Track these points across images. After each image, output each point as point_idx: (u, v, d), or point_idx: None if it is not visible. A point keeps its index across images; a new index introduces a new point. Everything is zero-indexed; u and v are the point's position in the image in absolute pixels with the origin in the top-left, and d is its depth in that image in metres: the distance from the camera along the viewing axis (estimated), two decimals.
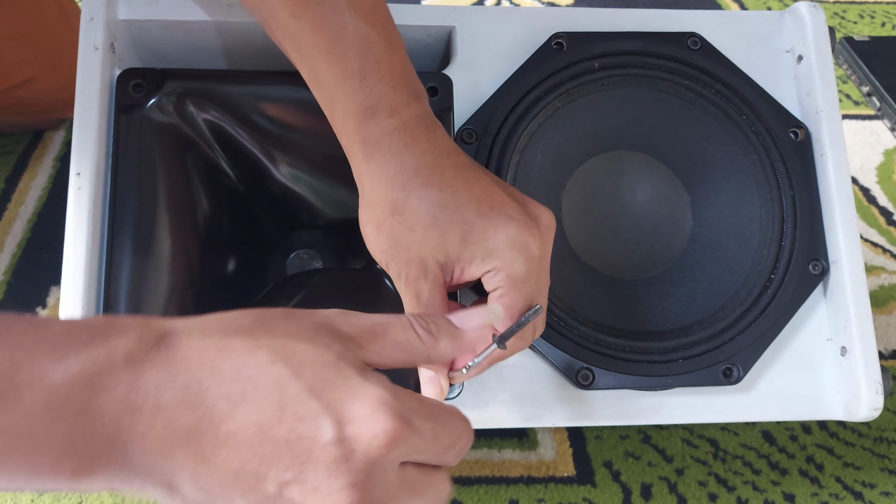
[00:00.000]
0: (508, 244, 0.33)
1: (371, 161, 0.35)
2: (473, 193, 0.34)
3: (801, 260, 0.44)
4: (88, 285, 0.39)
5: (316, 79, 0.36)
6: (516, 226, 0.33)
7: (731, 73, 0.46)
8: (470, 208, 0.33)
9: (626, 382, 0.42)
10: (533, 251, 0.33)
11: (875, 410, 0.43)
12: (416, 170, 0.34)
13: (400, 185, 0.34)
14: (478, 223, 0.33)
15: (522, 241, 0.33)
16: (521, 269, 0.33)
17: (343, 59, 0.35)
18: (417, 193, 0.34)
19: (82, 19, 0.41)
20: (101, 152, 0.41)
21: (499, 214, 0.33)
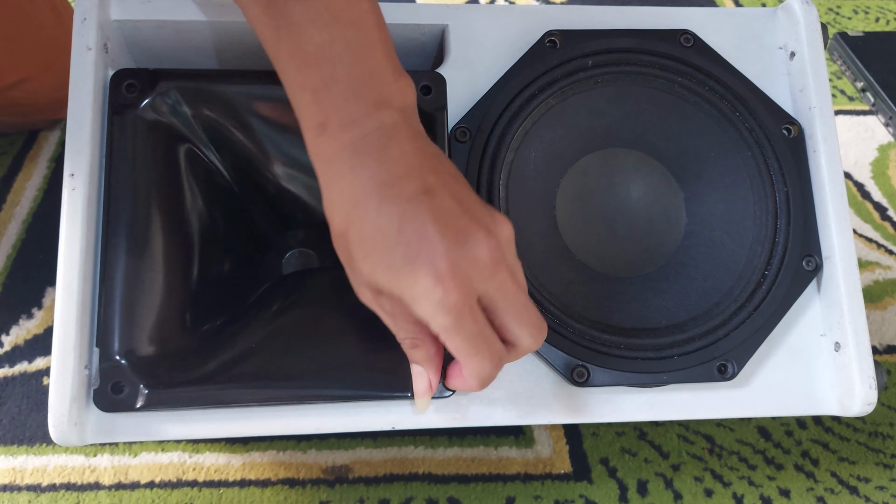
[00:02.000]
0: (427, 298, 0.32)
1: (322, 179, 0.34)
2: (405, 236, 0.32)
3: (794, 256, 0.44)
4: (83, 286, 0.39)
5: (284, 85, 0.36)
6: (432, 280, 0.32)
7: (724, 69, 0.46)
8: (398, 252, 0.32)
9: (622, 379, 0.42)
10: (451, 304, 0.32)
11: (869, 405, 0.43)
12: (356, 201, 0.33)
13: (343, 213, 0.34)
14: (402, 269, 0.32)
15: (438, 297, 0.32)
16: (442, 322, 0.33)
17: (299, 71, 0.34)
18: (356, 227, 0.33)
19: (75, 20, 0.41)
20: (94, 153, 0.40)
21: (423, 262, 0.32)
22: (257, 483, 0.50)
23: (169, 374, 0.40)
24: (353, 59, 0.34)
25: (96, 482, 0.50)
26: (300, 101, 0.35)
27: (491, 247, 0.32)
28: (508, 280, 0.33)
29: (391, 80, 0.34)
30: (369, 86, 0.34)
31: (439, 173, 0.34)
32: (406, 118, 0.34)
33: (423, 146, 0.34)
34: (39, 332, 0.57)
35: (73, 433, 0.38)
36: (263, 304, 0.45)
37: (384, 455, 0.52)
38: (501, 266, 0.33)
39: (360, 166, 0.33)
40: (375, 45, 0.34)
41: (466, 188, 0.35)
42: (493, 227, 0.33)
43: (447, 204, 0.33)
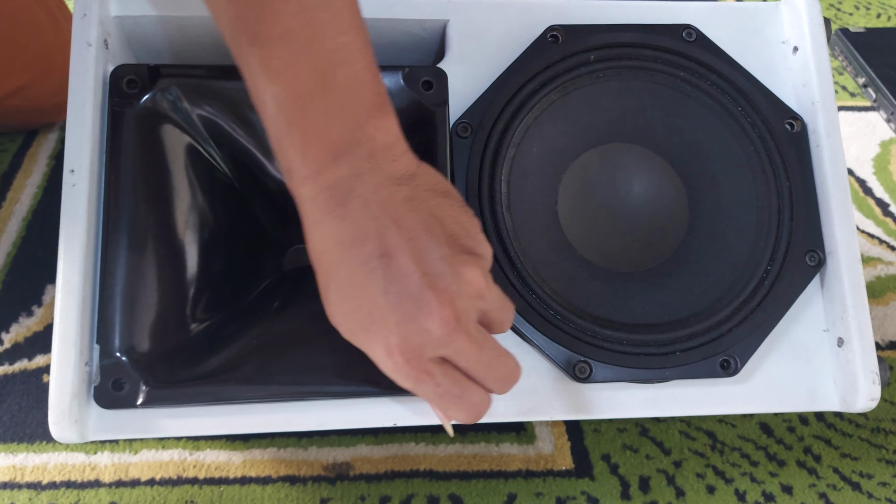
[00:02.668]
0: (382, 365, 0.33)
1: (302, 219, 0.34)
2: (359, 303, 0.32)
3: (797, 251, 0.44)
4: (83, 282, 0.39)
5: None
6: (384, 352, 0.32)
7: (726, 64, 0.46)
8: (355, 319, 0.32)
9: (624, 375, 0.42)
10: (405, 374, 0.32)
11: (872, 401, 0.43)
12: (318, 256, 0.33)
13: (314, 262, 0.34)
14: (359, 335, 0.33)
15: (391, 368, 0.32)
16: (405, 385, 0.33)
17: (262, 118, 0.33)
18: (322, 279, 0.33)
19: (75, 16, 0.41)
20: (94, 149, 0.40)
21: (376, 333, 0.32)
22: (258, 480, 0.50)
23: (169, 371, 0.40)
24: (306, 111, 0.32)
25: (96, 480, 0.49)
26: (271, 143, 0.34)
27: (444, 318, 0.31)
28: (466, 346, 0.32)
29: (354, 129, 0.32)
30: (324, 139, 0.32)
31: (403, 226, 0.32)
32: (373, 164, 0.32)
33: (392, 192, 0.32)
34: (39, 330, 0.57)
35: (74, 430, 0.38)
36: (264, 301, 0.44)
37: (385, 452, 0.52)
38: (456, 335, 0.32)
39: (321, 222, 0.32)
40: (336, 89, 0.32)
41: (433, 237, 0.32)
42: (453, 287, 0.32)
43: (404, 268, 0.31)
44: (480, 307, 0.33)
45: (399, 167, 0.33)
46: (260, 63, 0.32)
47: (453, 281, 0.32)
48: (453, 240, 0.33)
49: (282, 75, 0.32)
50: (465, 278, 0.32)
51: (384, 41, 0.47)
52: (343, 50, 0.33)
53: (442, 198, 0.34)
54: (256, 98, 0.33)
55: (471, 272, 0.32)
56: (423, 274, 0.31)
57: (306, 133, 0.32)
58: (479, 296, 0.33)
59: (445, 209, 0.34)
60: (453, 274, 0.32)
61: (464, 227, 0.34)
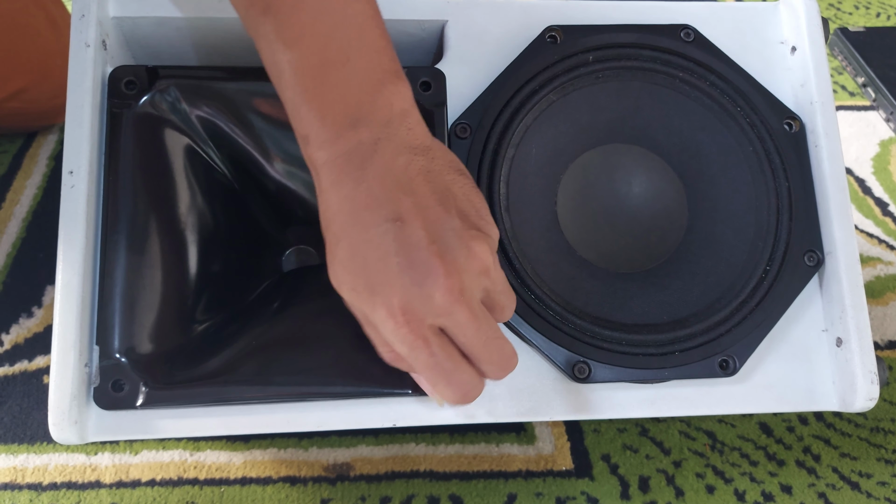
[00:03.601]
0: (382, 326, 0.33)
1: (316, 184, 0.35)
2: (368, 263, 0.32)
3: (796, 251, 0.44)
4: (83, 284, 0.39)
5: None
6: (385, 312, 0.32)
7: (725, 64, 0.46)
8: (361, 278, 0.33)
9: (623, 375, 0.42)
10: (403, 337, 0.32)
11: (871, 401, 0.43)
12: (332, 218, 0.33)
13: (324, 227, 0.34)
14: (363, 295, 0.33)
15: (391, 329, 0.33)
16: (400, 350, 0.34)
17: (279, 87, 0.34)
18: (331, 243, 0.34)
19: (73, 17, 0.41)
20: (93, 150, 0.40)
21: (380, 293, 0.32)
22: (258, 481, 0.50)
23: (169, 372, 0.40)
24: (324, 77, 0.33)
25: (97, 481, 0.50)
26: (288, 111, 0.35)
27: (449, 287, 0.32)
28: (466, 320, 0.33)
29: (371, 94, 0.33)
30: (342, 105, 0.33)
31: (418, 194, 0.33)
32: (391, 132, 0.33)
33: (408, 161, 0.33)
34: (39, 331, 0.57)
35: (74, 432, 0.38)
36: (264, 302, 0.44)
37: (385, 452, 0.52)
38: (458, 305, 0.32)
39: (339, 184, 0.33)
40: (353, 55, 0.33)
41: (446, 209, 0.33)
42: (461, 259, 0.32)
43: (415, 234, 0.32)
44: (485, 285, 0.34)
45: (415, 137, 0.34)
46: (275, 31, 0.33)
47: (462, 253, 0.32)
48: (464, 216, 0.34)
49: (298, 42, 0.33)
50: (474, 252, 0.33)
51: None
52: (358, 16, 0.33)
53: (457, 175, 0.35)
54: (272, 66, 0.34)
55: (479, 247, 0.33)
56: (433, 242, 0.32)
57: (324, 98, 0.33)
58: (486, 272, 0.33)
59: (459, 186, 0.34)
60: (462, 247, 0.33)
61: (474, 207, 0.35)
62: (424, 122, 0.35)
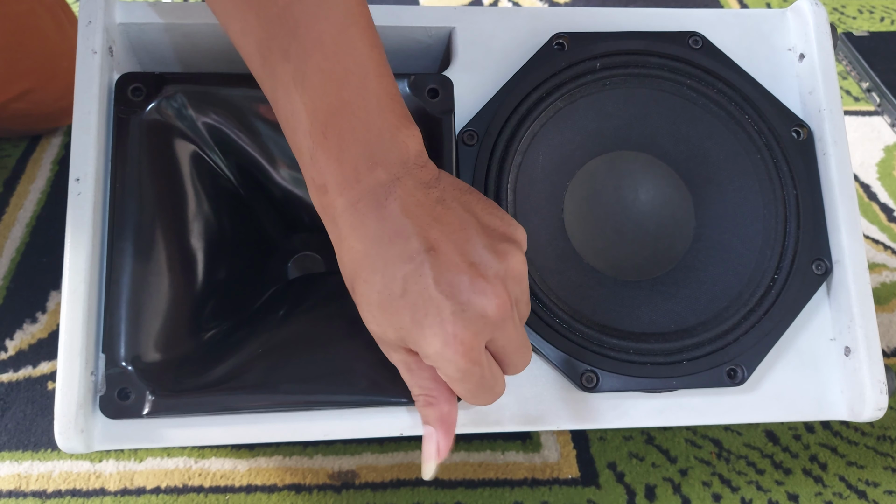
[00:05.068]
0: (438, 357, 0.33)
1: (331, 236, 0.35)
2: (410, 298, 0.32)
3: (804, 260, 0.44)
4: (89, 291, 0.39)
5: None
6: (441, 342, 0.32)
7: (732, 72, 0.46)
8: (405, 315, 0.32)
9: (631, 385, 0.42)
10: (461, 363, 0.32)
11: (879, 410, 0.42)
12: (360, 262, 0.33)
13: (349, 274, 0.34)
14: (412, 331, 0.33)
15: (449, 356, 0.32)
16: (451, 375, 0.33)
17: (292, 135, 0.34)
18: (361, 289, 0.34)
19: (80, 23, 0.41)
20: (100, 157, 0.40)
21: (431, 324, 0.32)
22: (263, 489, 0.50)
23: (175, 380, 0.39)
24: (342, 120, 0.33)
25: (102, 488, 0.49)
26: (300, 161, 0.35)
27: (500, 303, 0.32)
28: (513, 330, 0.34)
29: (388, 137, 0.33)
30: (362, 147, 0.33)
31: (443, 223, 0.33)
32: (407, 170, 0.33)
33: (426, 194, 0.33)
34: (44, 337, 0.57)
35: (80, 440, 0.38)
36: (269, 309, 0.44)
37: (391, 460, 0.51)
38: (509, 319, 0.33)
39: (361, 226, 0.33)
40: (370, 99, 0.33)
41: (473, 229, 0.33)
42: (501, 273, 0.33)
43: (451, 259, 0.32)
44: (517, 294, 0.35)
45: (427, 173, 0.34)
46: (293, 77, 0.33)
47: (500, 268, 0.33)
48: (490, 230, 0.34)
49: (317, 88, 0.33)
50: (509, 263, 0.33)
51: (389, 48, 0.46)
52: (373, 64, 0.34)
53: (468, 194, 0.35)
54: (289, 114, 0.34)
55: (513, 258, 0.34)
56: (471, 264, 0.32)
57: (343, 142, 0.33)
58: (521, 280, 0.34)
59: (474, 203, 0.35)
60: (499, 262, 0.33)
61: (497, 216, 0.35)
62: (430, 160, 0.36)
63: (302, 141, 0.34)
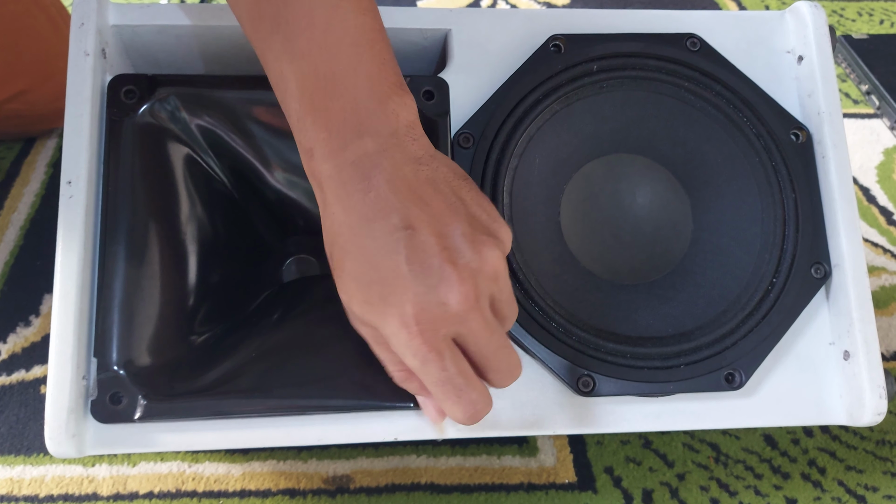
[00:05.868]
0: (394, 338, 0.32)
1: (318, 202, 0.34)
2: (380, 273, 0.32)
3: (803, 263, 0.44)
4: (80, 295, 0.38)
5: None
6: (398, 322, 0.32)
7: (731, 74, 0.45)
8: (373, 289, 0.32)
9: (628, 389, 0.41)
10: (416, 349, 0.32)
11: (879, 415, 0.42)
12: (340, 231, 0.33)
13: (329, 242, 0.34)
14: (376, 306, 0.32)
15: (404, 340, 0.32)
16: (411, 363, 0.33)
17: (283, 99, 0.34)
18: (338, 257, 0.33)
19: (72, 25, 0.41)
20: (92, 160, 0.40)
21: (393, 303, 0.32)
22: (257, 493, 0.49)
23: (168, 385, 0.39)
24: (331, 88, 0.33)
25: (94, 493, 0.49)
26: (290, 123, 0.34)
27: (464, 293, 0.31)
28: (479, 326, 0.33)
29: (377, 105, 0.33)
30: (349, 115, 0.33)
31: (426, 203, 0.32)
32: (397, 142, 0.33)
33: (415, 171, 0.33)
34: (37, 340, 0.56)
35: (71, 445, 0.37)
36: (264, 313, 0.44)
37: (386, 465, 0.51)
38: (473, 312, 0.32)
39: (345, 196, 0.32)
40: (360, 68, 0.33)
41: (456, 216, 0.33)
42: (474, 265, 0.32)
43: (427, 241, 0.32)
44: (493, 292, 0.34)
45: (419, 148, 0.34)
46: (283, 45, 0.33)
47: (474, 259, 0.32)
48: (475, 220, 0.33)
49: (306, 55, 0.33)
50: (486, 258, 0.33)
51: None
52: (365, 29, 0.34)
53: (462, 181, 0.35)
54: (279, 80, 0.34)
55: (491, 253, 0.33)
56: (445, 248, 0.32)
57: (331, 109, 0.33)
58: (496, 278, 0.33)
59: (466, 192, 0.34)
60: (474, 252, 0.32)
61: (485, 210, 0.34)
62: (426, 136, 0.35)
63: (291, 104, 0.33)
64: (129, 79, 0.41)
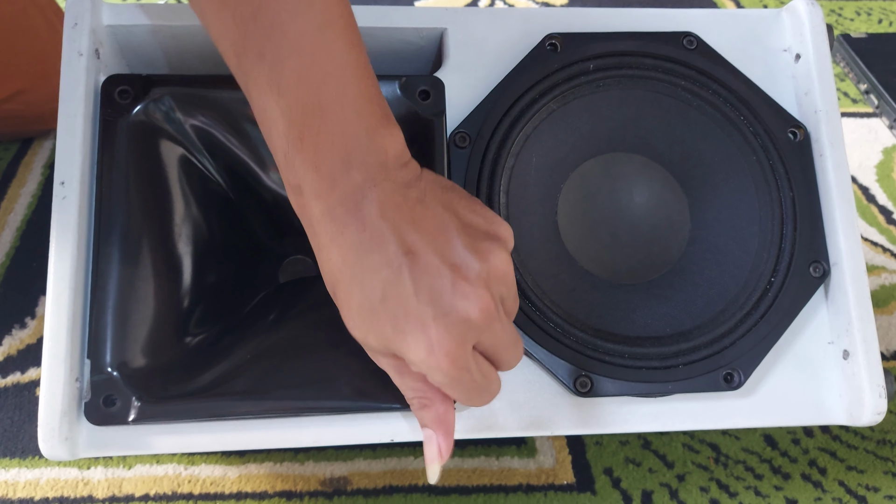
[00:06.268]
0: (423, 365, 0.32)
1: (311, 241, 0.34)
2: (390, 306, 0.31)
3: (801, 262, 0.43)
4: (74, 296, 0.38)
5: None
6: (424, 349, 0.31)
7: (728, 72, 0.45)
8: (386, 324, 0.32)
9: (626, 389, 0.41)
10: (446, 370, 0.32)
11: (878, 415, 0.42)
12: (339, 270, 0.32)
13: (330, 282, 0.34)
14: (394, 338, 0.32)
15: (433, 364, 0.32)
16: (439, 381, 0.33)
17: (270, 137, 0.33)
18: (343, 297, 0.33)
19: (66, 25, 0.40)
20: (86, 160, 0.40)
21: (413, 331, 0.31)
22: (254, 496, 0.49)
23: (162, 387, 0.39)
24: (318, 124, 0.32)
25: (90, 496, 0.49)
26: (276, 159, 0.34)
27: (483, 305, 0.31)
28: (501, 331, 0.33)
29: (365, 140, 0.32)
30: (338, 150, 0.32)
31: (422, 225, 0.32)
32: (386, 172, 0.33)
33: (405, 196, 0.33)
34: (32, 342, 0.56)
35: (64, 448, 0.37)
36: (260, 314, 0.44)
37: (383, 466, 0.51)
38: (494, 320, 0.32)
39: (339, 235, 0.32)
40: (347, 102, 0.33)
41: (453, 229, 0.32)
42: (484, 274, 0.32)
43: (431, 263, 0.31)
44: (503, 292, 0.34)
45: (408, 173, 0.34)
46: (269, 79, 0.32)
47: (483, 268, 0.32)
48: (472, 229, 0.33)
49: (293, 90, 0.32)
50: (493, 264, 0.32)
51: (381, 50, 0.46)
52: (351, 65, 0.33)
53: (450, 192, 0.34)
54: (264, 115, 0.33)
55: (496, 257, 0.33)
56: (451, 265, 0.31)
57: (319, 146, 0.32)
58: (505, 279, 0.33)
59: (456, 201, 0.34)
60: (481, 261, 0.32)
61: (479, 214, 0.34)
62: (413, 160, 0.35)
63: (277, 142, 0.33)
64: (124, 79, 0.41)
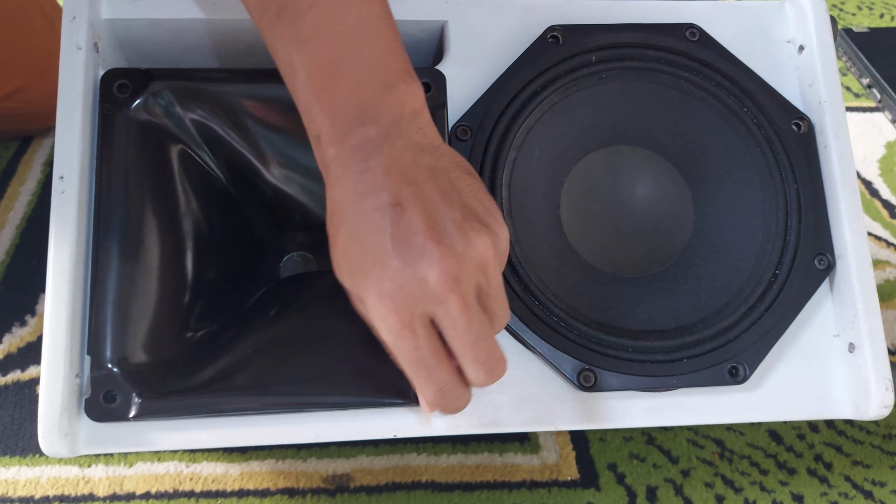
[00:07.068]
0: (372, 310, 0.32)
1: (325, 183, 0.35)
2: (365, 247, 0.32)
3: (806, 255, 0.43)
4: (73, 292, 0.38)
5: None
6: (376, 296, 0.32)
7: (731, 64, 0.45)
8: (357, 263, 0.32)
9: (630, 383, 0.41)
10: (390, 324, 0.32)
11: (885, 408, 0.41)
12: (335, 209, 0.33)
13: (328, 218, 0.34)
14: (357, 279, 0.33)
15: (379, 314, 0.32)
16: (385, 338, 0.33)
17: (293, 88, 0.35)
18: (333, 234, 0.34)
19: (64, 18, 0.40)
20: (85, 155, 0.39)
21: (373, 277, 0.32)
22: (256, 493, 0.49)
23: (163, 382, 0.39)
24: (337, 76, 0.33)
25: (90, 494, 0.48)
26: (298, 109, 0.35)
27: (443, 272, 0.31)
28: (458, 311, 0.32)
29: (382, 94, 0.33)
30: (353, 102, 0.33)
31: (420, 184, 0.32)
32: (399, 129, 0.33)
33: (414, 158, 0.33)
34: (33, 340, 0.56)
35: (64, 445, 0.37)
36: (260, 309, 0.43)
37: (386, 463, 0.50)
38: (451, 294, 0.31)
39: (344, 177, 0.33)
40: (365, 56, 0.33)
41: (449, 202, 0.32)
42: (459, 247, 0.31)
43: (414, 219, 0.31)
44: (480, 282, 0.33)
45: (424, 136, 0.34)
46: (289, 33, 0.33)
47: (459, 242, 0.32)
48: (468, 210, 0.33)
49: (312, 43, 0.33)
50: (473, 243, 0.32)
51: None
52: (371, 17, 0.34)
53: (465, 174, 0.34)
54: (287, 68, 0.34)
55: (479, 239, 0.32)
56: (431, 227, 0.31)
57: (336, 96, 0.33)
58: (483, 267, 0.32)
59: (467, 184, 0.34)
60: (461, 236, 0.32)
61: (483, 204, 0.34)
62: (434, 126, 0.35)
63: (299, 92, 0.34)
64: (122, 73, 0.41)
